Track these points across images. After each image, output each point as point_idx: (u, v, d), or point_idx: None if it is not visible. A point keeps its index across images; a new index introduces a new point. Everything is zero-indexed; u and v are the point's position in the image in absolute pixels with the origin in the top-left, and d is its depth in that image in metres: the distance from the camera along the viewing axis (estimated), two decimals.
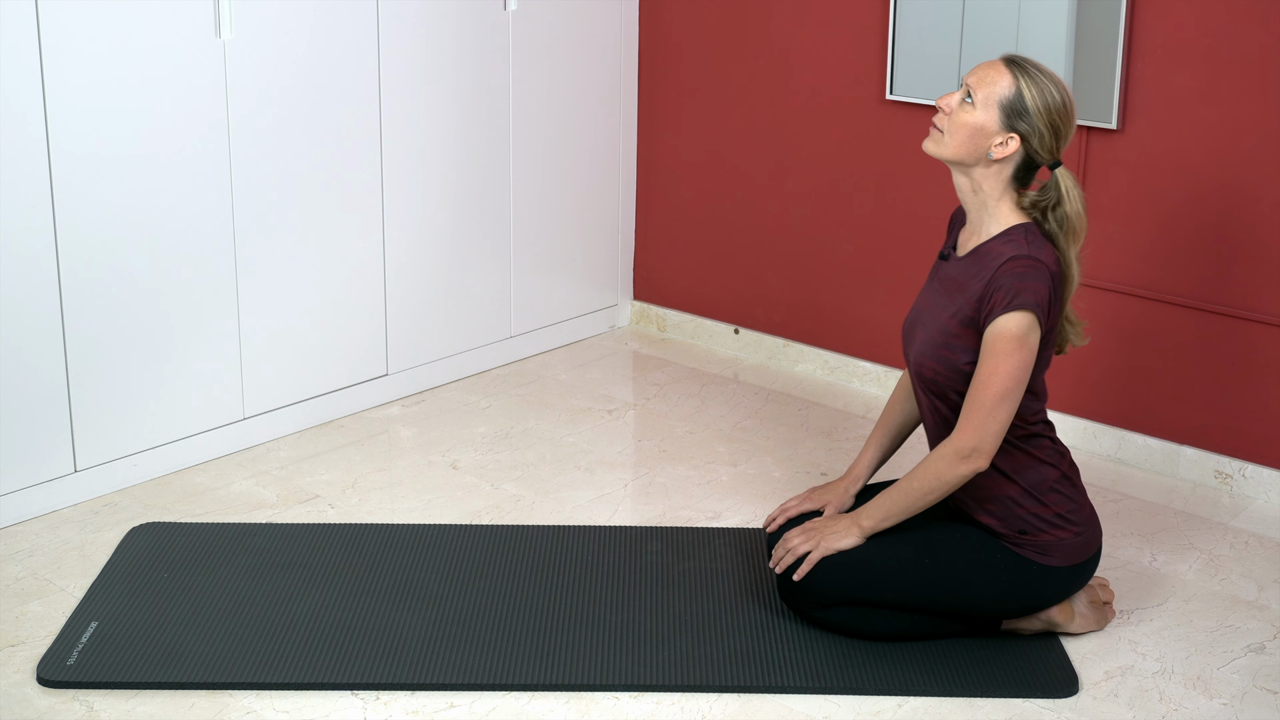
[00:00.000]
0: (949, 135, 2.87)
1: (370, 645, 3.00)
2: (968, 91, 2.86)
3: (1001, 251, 2.84)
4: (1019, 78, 2.83)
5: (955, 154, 2.87)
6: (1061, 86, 2.85)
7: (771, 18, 4.38)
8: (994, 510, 2.95)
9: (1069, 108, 2.85)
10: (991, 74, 2.85)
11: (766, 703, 2.85)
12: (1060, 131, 2.84)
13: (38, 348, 3.45)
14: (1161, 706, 2.86)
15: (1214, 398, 3.76)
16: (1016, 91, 2.83)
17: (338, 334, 4.08)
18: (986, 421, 2.81)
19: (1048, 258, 2.83)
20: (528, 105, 4.42)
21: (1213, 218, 3.68)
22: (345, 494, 3.69)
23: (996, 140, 2.84)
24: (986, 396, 2.80)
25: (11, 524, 3.48)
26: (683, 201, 4.72)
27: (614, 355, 4.67)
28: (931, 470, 2.87)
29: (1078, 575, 2.98)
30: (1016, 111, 2.83)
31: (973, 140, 2.85)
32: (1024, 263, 2.81)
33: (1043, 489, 2.94)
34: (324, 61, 3.88)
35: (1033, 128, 2.82)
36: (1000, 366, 2.80)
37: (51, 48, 3.36)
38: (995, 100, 2.83)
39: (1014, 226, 2.87)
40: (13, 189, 3.35)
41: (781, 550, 3.01)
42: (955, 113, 2.86)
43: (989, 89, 2.84)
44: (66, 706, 2.81)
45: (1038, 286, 2.79)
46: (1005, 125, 2.84)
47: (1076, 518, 2.96)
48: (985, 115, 2.84)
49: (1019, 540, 2.94)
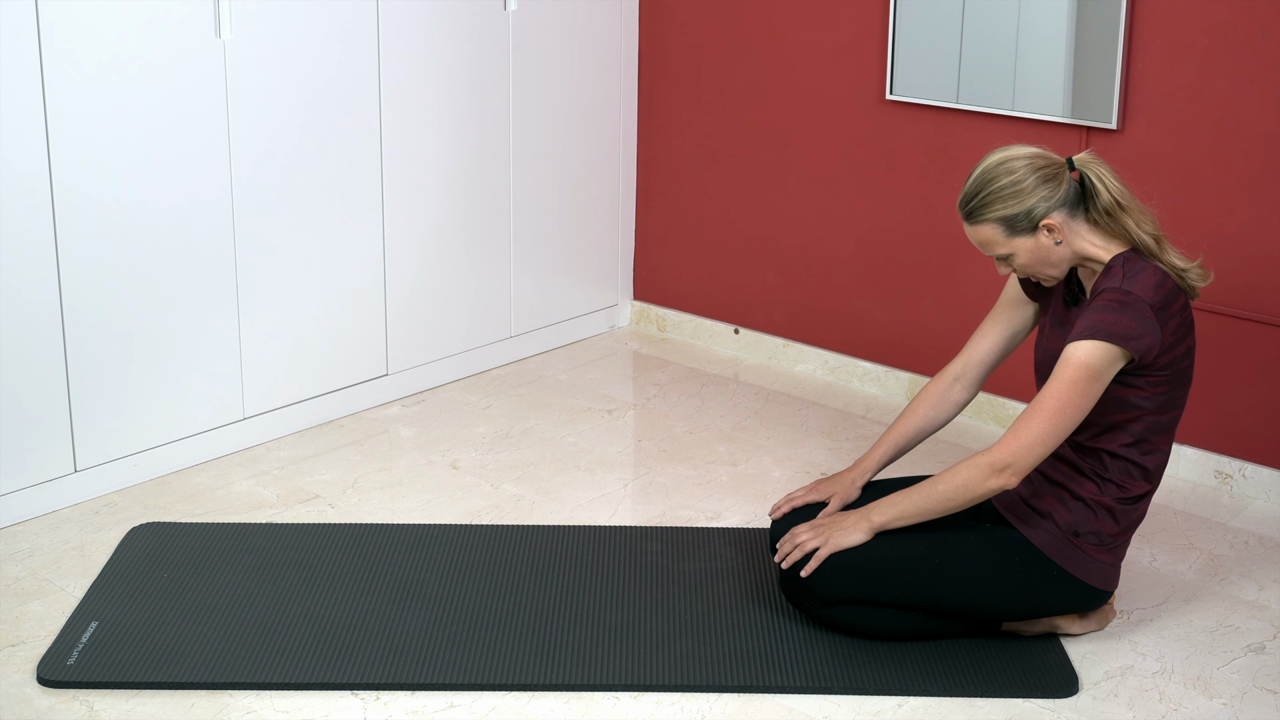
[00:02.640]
0: (1039, 274, 2.92)
1: (370, 645, 3.00)
2: (998, 259, 2.92)
3: (1102, 286, 2.86)
4: (984, 216, 2.86)
5: (1056, 271, 2.91)
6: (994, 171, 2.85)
7: (771, 18, 4.38)
8: (1069, 504, 2.93)
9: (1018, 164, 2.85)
10: (978, 237, 2.89)
11: (766, 703, 2.85)
12: (1043, 175, 2.85)
13: (38, 348, 3.45)
14: (1161, 706, 2.86)
15: (1214, 398, 3.76)
16: (999, 221, 2.85)
17: (338, 334, 4.08)
18: (1032, 444, 2.78)
19: (1142, 287, 2.81)
20: (528, 105, 4.42)
21: (1212, 218, 3.68)
22: (345, 494, 3.69)
23: (1043, 241, 2.86)
24: (1039, 418, 2.78)
25: (11, 524, 3.48)
26: (683, 201, 4.72)
27: (614, 355, 4.67)
28: (960, 477, 2.85)
29: (1091, 598, 2.97)
30: (1018, 222, 2.85)
31: (1044, 259, 2.89)
32: (1113, 296, 2.80)
33: (1125, 511, 2.92)
34: (324, 61, 3.88)
35: (1034, 207, 2.84)
36: (1062, 392, 2.77)
37: (51, 48, 3.36)
38: (1005, 240, 2.87)
39: (1113, 260, 2.87)
40: (13, 189, 3.35)
41: (789, 545, 2.99)
42: (1016, 270, 2.92)
43: (994, 245, 2.89)
44: (66, 706, 2.81)
45: (1119, 319, 2.77)
46: (1030, 229, 2.86)
47: (1120, 552, 2.97)
48: (1020, 251, 2.88)
49: (1065, 537, 2.91)
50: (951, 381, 3.17)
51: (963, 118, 4.02)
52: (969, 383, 3.17)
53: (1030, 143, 3.88)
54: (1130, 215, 2.87)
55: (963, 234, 4.07)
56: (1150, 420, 2.88)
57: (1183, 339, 2.86)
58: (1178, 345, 2.85)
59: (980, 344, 3.15)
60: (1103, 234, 2.89)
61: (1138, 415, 2.88)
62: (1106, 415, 2.88)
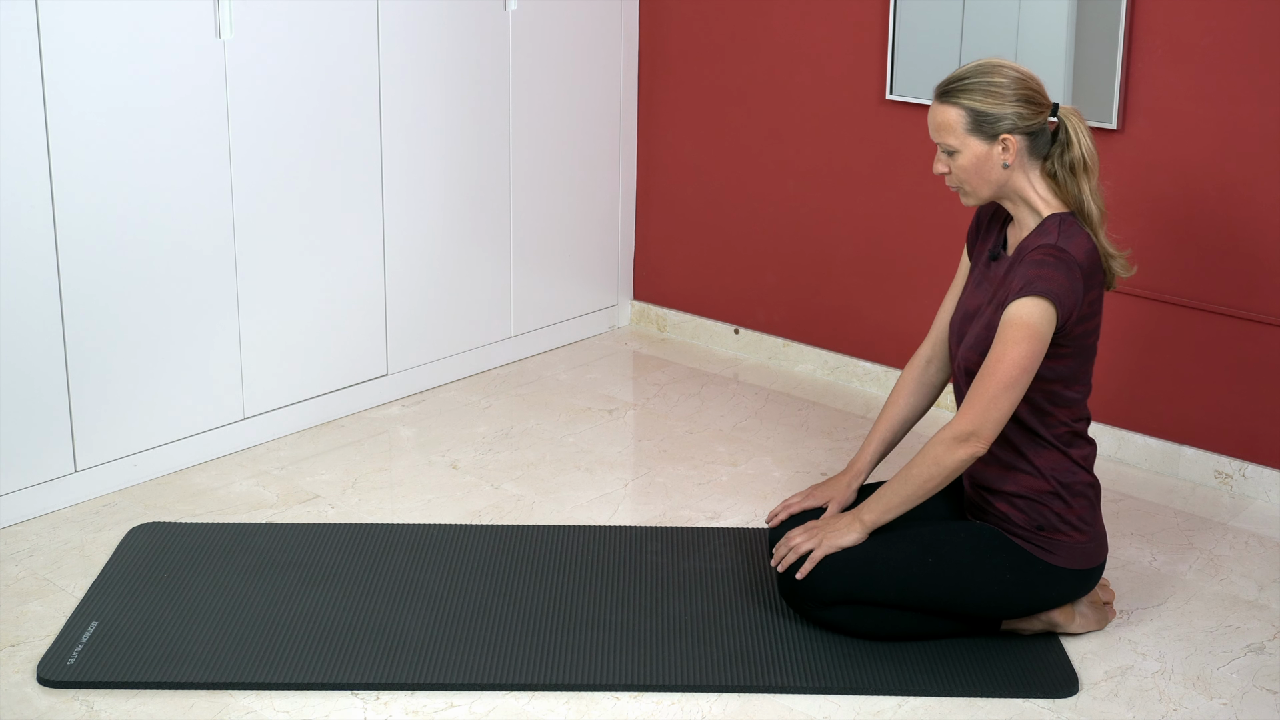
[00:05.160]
0: (967, 185, 2.91)
1: (370, 645, 3.00)
2: (942, 150, 2.90)
3: (1034, 243, 2.86)
4: (958, 99, 2.85)
5: (986, 191, 2.90)
6: (989, 67, 2.86)
7: (771, 18, 4.38)
8: (1019, 504, 2.95)
9: (1012, 72, 2.86)
10: (940, 118, 2.88)
11: (766, 703, 2.85)
12: (1028, 95, 2.85)
13: (38, 348, 3.45)
14: (1161, 706, 2.86)
15: (1214, 398, 3.76)
16: (968, 110, 2.85)
17: (338, 334, 4.08)
18: (989, 407, 2.80)
19: (1076, 248, 2.83)
20: (528, 105, 4.42)
21: (1212, 218, 3.68)
22: (345, 494, 3.69)
23: (994, 154, 2.86)
24: (991, 382, 2.80)
25: (11, 524, 3.48)
26: (683, 201, 4.72)
27: (614, 355, 4.67)
28: (930, 455, 2.87)
29: (1083, 581, 2.98)
30: (985, 123, 2.85)
31: (983, 172, 2.88)
32: (1047, 252, 2.81)
33: (1072, 491, 2.93)
34: (324, 61, 3.88)
35: (1006, 117, 2.84)
36: (1008, 353, 2.79)
37: (51, 48, 3.36)
38: (961, 132, 2.86)
39: (1049, 219, 2.88)
40: (13, 189, 3.35)
41: (784, 548, 3.00)
42: (952, 170, 2.90)
43: (949, 130, 2.87)
44: (66, 706, 2.81)
45: (1056, 275, 2.78)
46: (989, 137, 2.85)
47: (1093, 524, 2.97)
48: (969, 149, 2.87)
49: (1034, 536, 2.93)
50: (925, 364, 3.18)
51: None
52: (942, 362, 3.17)
53: None
54: (1090, 179, 2.89)
55: (963, 233, 4.07)
56: (1046, 390, 2.89)
57: (1096, 312, 2.89)
58: (1090, 318, 2.87)
59: (943, 321, 3.16)
60: (1050, 188, 2.90)
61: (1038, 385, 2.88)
62: None
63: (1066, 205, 2.90)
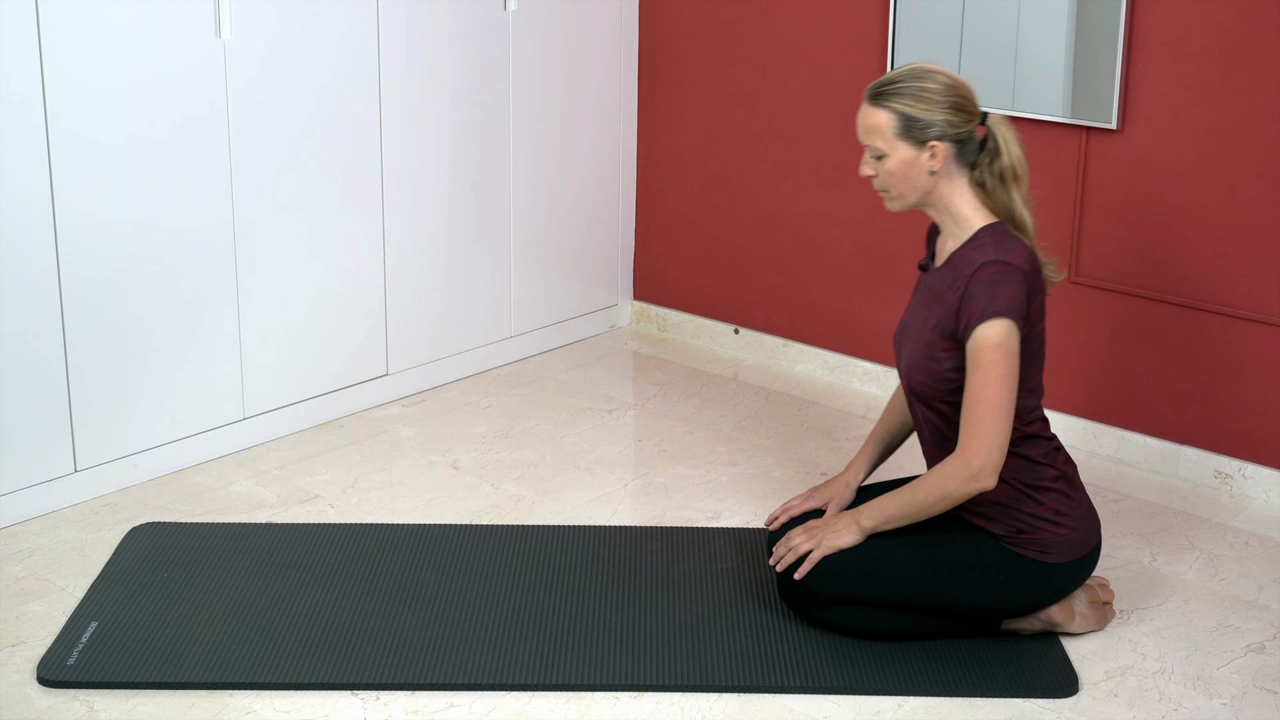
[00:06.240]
0: (893, 190, 2.91)
1: (370, 645, 3.00)
2: (870, 154, 2.90)
3: (972, 259, 2.85)
4: (890, 102, 2.85)
5: (912, 197, 2.91)
6: (921, 71, 2.86)
7: (771, 18, 4.38)
8: (989, 513, 2.95)
9: (943, 79, 2.86)
10: (870, 120, 2.88)
11: (766, 703, 2.85)
12: (958, 103, 2.85)
13: (38, 348, 3.46)
14: (1161, 706, 2.86)
15: (1214, 398, 3.76)
16: (898, 114, 2.85)
17: (338, 334, 4.08)
18: (989, 436, 2.80)
19: (1017, 257, 2.83)
20: (528, 105, 4.42)
21: (1212, 218, 3.68)
22: (345, 494, 3.69)
23: (922, 160, 2.86)
24: (984, 411, 2.79)
25: (11, 524, 3.48)
26: (683, 201, 4.72)
27: (614, 355, 4.67)
28: (938, 487, 2.86)
29: (1076, 572, 2.98)
30: (915, 128, 2.85)
31: (909, 178, 2.88)
32: (994, 269, 2.81)
33: (1039, 489, 2.94)
34: (324, 61, 3.89)
35: (935, 123, 2.84)
36: (989, 378, 2.78)
37: (51, 48, 3.36)
38: (890, 136, 2.86)
39: (981, 230, 2.88)
40: (13, 189, 3.35)
41: (783, 549, 3.01)
42: (879, 173, 2.90)
43: (878, 133, 2.87)
44: (66, 706, 2.81)
45: (1009, 291, 2.79)
46: (918, 143, 2.85)
47: (1073, 513, 2.96)
48: (897, 154, 2.87)
49: (1017, 540, 2.94)
50: None
51: None
52: None
53: (1030, 143, 3.89)
54: (1020, 189, 2.89)
55: None
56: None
57: (1039, 319, 2.89)
58: (1036, 323, 2.88)
59: None
60: (979, 197, 2.90)
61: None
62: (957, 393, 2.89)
63: (996, 214, 2.90)
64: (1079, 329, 3.93)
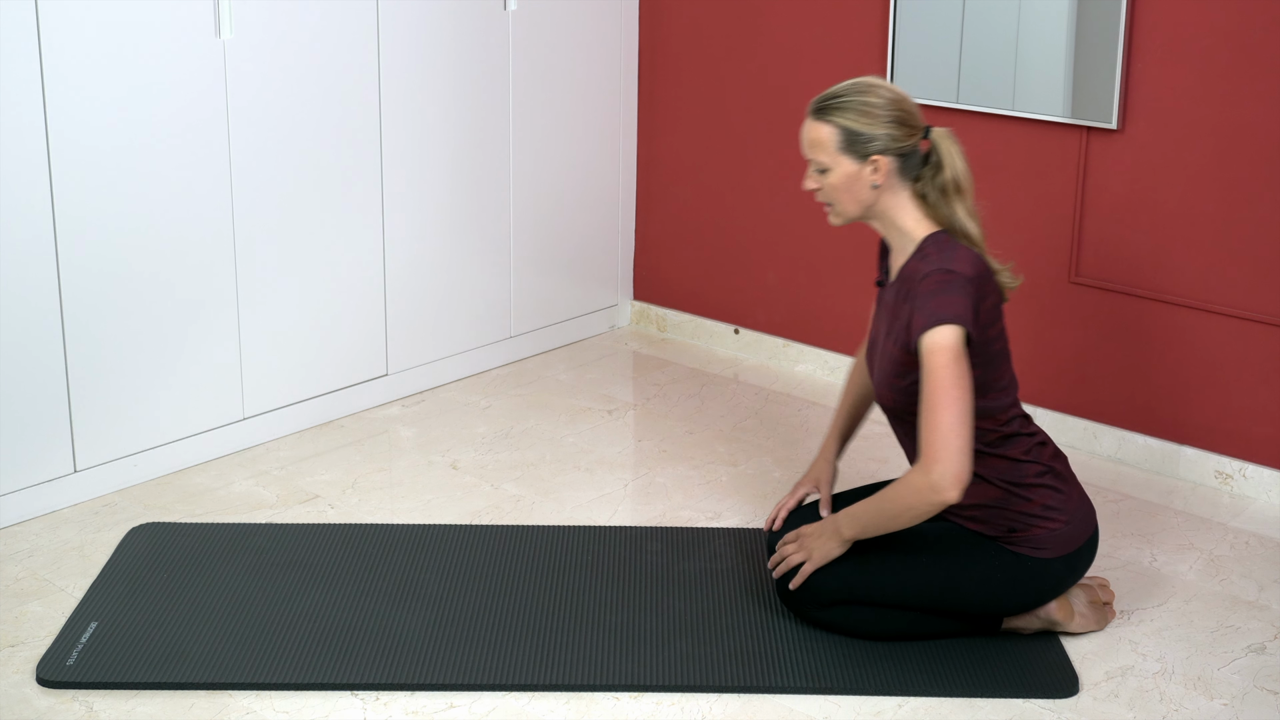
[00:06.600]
0: (836, 204, 2.92)
1: (370, 645, 3.00)
2: (814, 169, 2.91)
3: (919, 269, 2.85)
4: (831, 117, 2.86)
5: (855, 210, 2.91)
6: (864, 86, 2.87)
7: (771, 18, 4.38)
8: (979, 515, 2.95)
9: (887, 93, 2.86)
10: (813, 135, 2.88)
11: (766, 703, 2.85)
12: (901, 117, 2.85)
13: (38, 348, 3.45)
14: (1162, 707, 2.86)
15: (1214, 398, 3.76)
16: (840, 129, 2.85)
17: (338, 334, 4.08)
18: (948, 442, 2.74)
19: (961, 264, 2.82)
20: (528, 105, 4.42)
21: (1212, 218, 3.68)
22: (345, 494, 3.69)
23: (864, 174, 2.86)
24: (941, 420, 2.74)
25: (11, 524, 3.48)
26: (683, 201, 4.72)
27: (614, 355, 4.67)
28: (901, 499, 2.81)
29: (1074, 565, 2.97)
30: (856, 142, 2.85)
31: (852, 191, 2.88)
32: (936, 278, 2.80)
33: (1026, 485, 2.93)
34: (324, 61, 3.88)
35: (878, 137, 2.84)
36: (940, 385, 2.75)
37: (51, 48, 3.36)
38: (833, 150, 2.86)
39: (925, 240, 2.88)
40: (13, 189, 3.35)
41: (777, 558, 3.02)
42: (822, 187, 2.91)
43: (821, 148, 2.87)
44: (66, 706, 2.81)
45: (953, 298, 2.77)
46: (860, 157, 2.86)
47: (1065, 507, 2.95)
48: (840, 168, 2.87)
49: (1010, 539, 2.94)
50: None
51: (963, 118, 4.02)
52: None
53: (1031, 143, 3.89)
54: (964, 201, 2.89)
55: None
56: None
57: (996, 318, 2.88)
58: (991, 325, 2.87)
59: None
60: (922, 209, 2.90)
61: None
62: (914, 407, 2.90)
63: (940, 225, 2.91)
64: (1079, 329, 3.93)
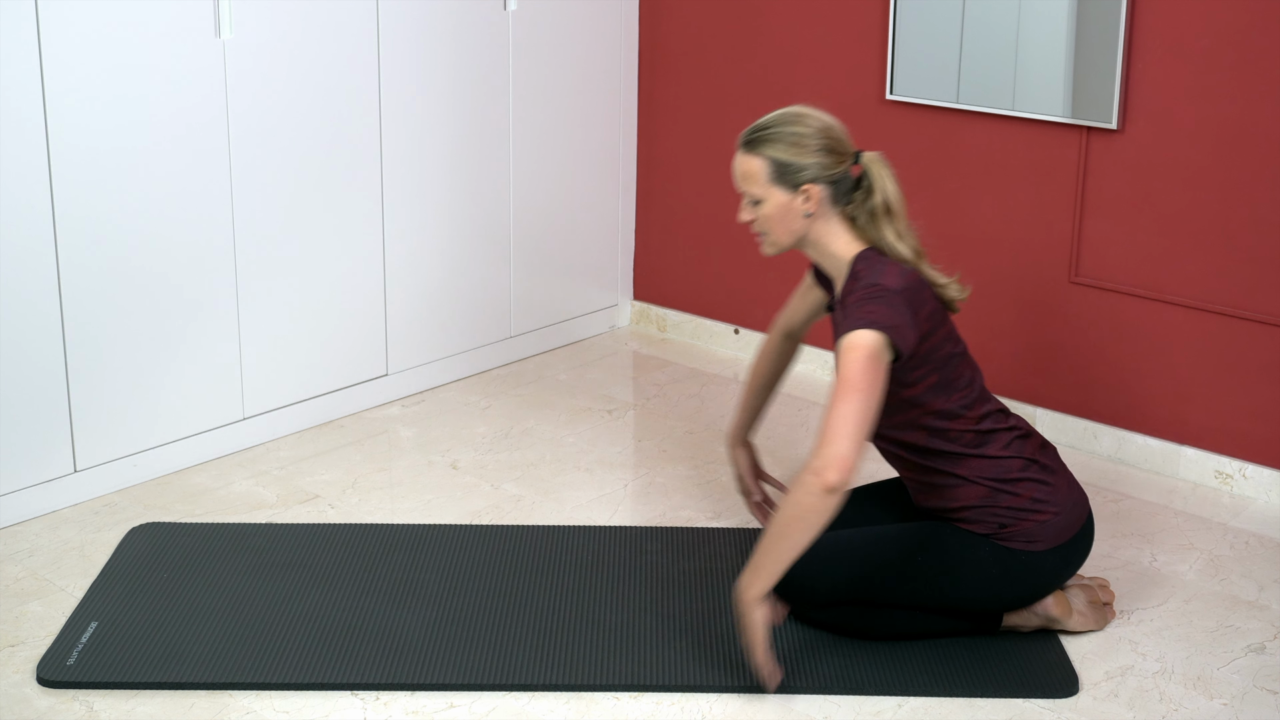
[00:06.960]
0: (769, 234, 2.93)
1: (370, 645, 3.00)
2: (747, 200, 2.92)
3: (851, 289, 2.87)
4: (762, 149, 2.86)
5: (787, 240, 2.92)
6: (792, 116, 2.88)
7: (771, 18, 4.38)
8: (969, 515, 2.95)
9: (815, 122, 2.87)
10: (744, 168, 2.89)
11: (766, 703, 2.85)
12: (830, 145, 2.87)
13: (38, 348, 3.45)
14: (1161, 707, 2.86)
15: (1214, 398, 3.76)
16: (771, 161, 2.86)
17: (338, 334, 4.08)
18: (839, 430, 2.70)
19: (888, 278, 2.82)
20: (528, 105, 4.42)
21: (1213, 218, 3.68)
22: (345, 494, 3.69)
23: (796, 204, 2.87)
24: (838, 410, 2.71)
25: (11, 524, 3.48)
26: (683, 201, 4.72)
27: (614, 355, 4.67)
28: (792, 501, 2.74)
29: (1068, 557, 2.97)
30: (787, 172, 2.86)
31: (785, 221, 2.89)
32: (861, 292, 2.82)
33: (1010, 481, 2.93)
34: (324, 61, 3.88)
35: (808, 167, 2.85)
36: (845, 380, 2.73)
37: (51, 48, 3.36)
38: (765, 182, 2.87)
39: (855, 259, 2.89)
40: (13, 189, 3.35)
41: None
42: (756, 218, 2.92)
43: (753, 180, 2.88)
44: (66, 706, 2.81)
45: (875, 308, 2.78)
46: (792, 187, 2.86)
47: (1053, 498, 2.96)
48: (772, 199, 2.88)
49: (1002, 535, 2.94)
50: (783, 337, 3.33)
51: (963, 118, 4.02)
52: (797, 337, 3.33)
53: (1031, 143, 3.89)
54: (895, 224, 2.90)
55: (959, 234, 4.07)
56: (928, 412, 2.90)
57: (939, 324, 2.88)
58: (933, 332, 2.87)
59: (797, 307, 3.28)
60: (851, 232, 2.91)
61: (917, 414, 2.91)
62: (893, 416, 2.92)
63: (868, 244, 2.91)
64: (1079, 329, 3.93)
